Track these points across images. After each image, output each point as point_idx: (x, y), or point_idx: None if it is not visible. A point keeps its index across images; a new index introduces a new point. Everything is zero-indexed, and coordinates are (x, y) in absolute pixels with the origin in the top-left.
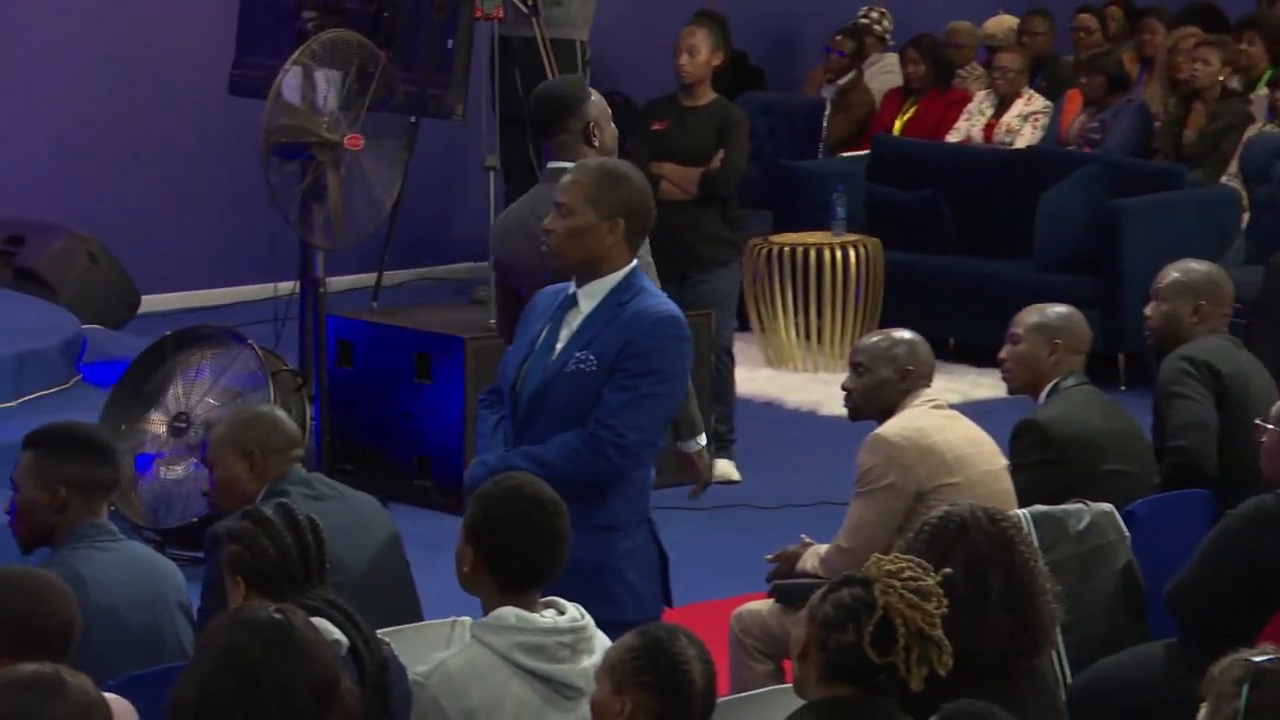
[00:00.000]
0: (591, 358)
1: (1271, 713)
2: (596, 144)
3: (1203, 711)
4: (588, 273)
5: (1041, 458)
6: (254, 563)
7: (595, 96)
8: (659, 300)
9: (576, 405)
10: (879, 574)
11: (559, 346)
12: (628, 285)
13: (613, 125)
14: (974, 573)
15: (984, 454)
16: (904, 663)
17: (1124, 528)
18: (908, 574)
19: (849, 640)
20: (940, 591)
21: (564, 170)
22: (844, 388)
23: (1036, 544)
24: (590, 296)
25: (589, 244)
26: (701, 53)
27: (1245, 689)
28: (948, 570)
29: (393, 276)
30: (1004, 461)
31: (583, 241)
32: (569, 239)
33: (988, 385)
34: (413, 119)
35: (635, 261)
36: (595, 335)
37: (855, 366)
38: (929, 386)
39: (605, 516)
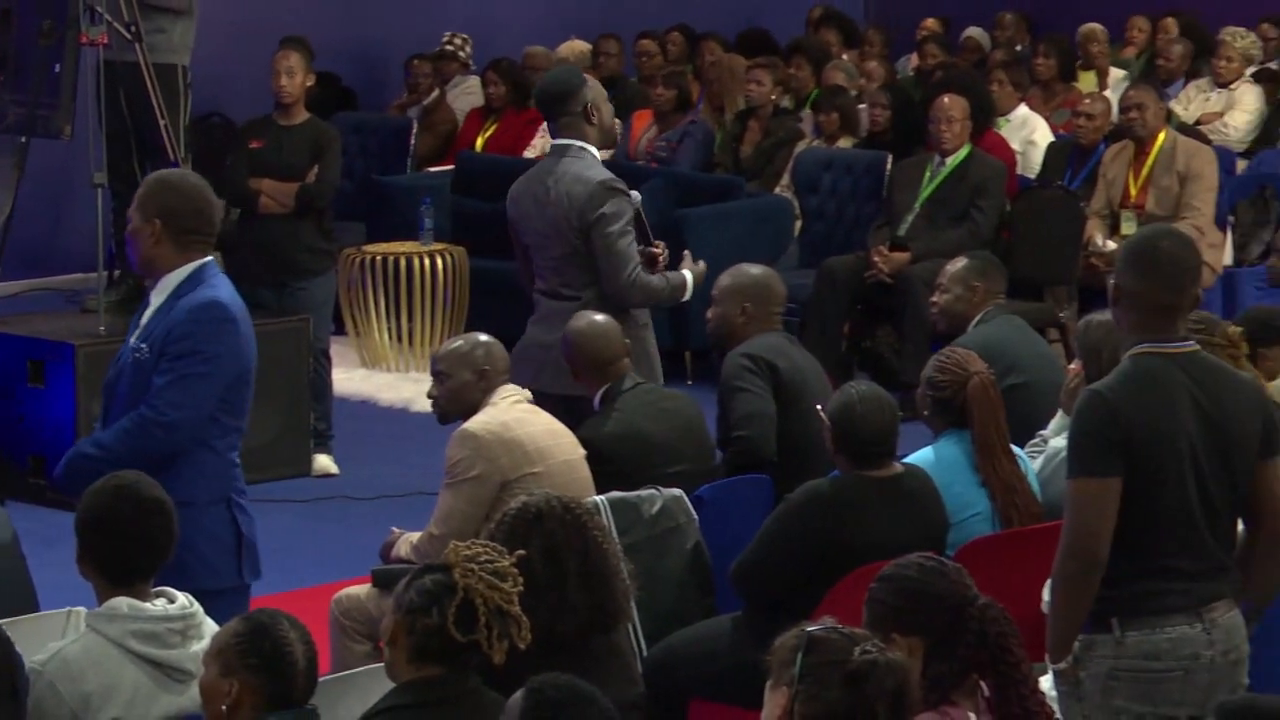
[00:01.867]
0: (144, 347)
1: (822, 672)
2: (595, 122)
3: (769, 680)
4: (148, 271)
5: (594, 472)
6: None
7: (592, 81)
8: (210, 290)
9: (137, 392)
10: (458, 559)
11: (130, 342)
12: (189, 280)
13: (609, 105)
14: (551, 557)
15: (563, 445)
16: (486, 640)
17: (692, 511)
18: (484, 557)
19: (434, 623)
20: (516, 572)
21: (569, 146)
22: (430, 396)
23: (613, 528)
24: (159, 293)
25: (139, 245)
26: (298, 75)
27: (800, 655)
28: (522, 552)
29: (7, 287)
30: (581, 453)
31: (135, 243)
32: (128, 241)
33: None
34: (23, 139)
35: (207, 259)
36: (153, 328)
37: (437, 375)
38: (509, 383)
39: (181, 492)
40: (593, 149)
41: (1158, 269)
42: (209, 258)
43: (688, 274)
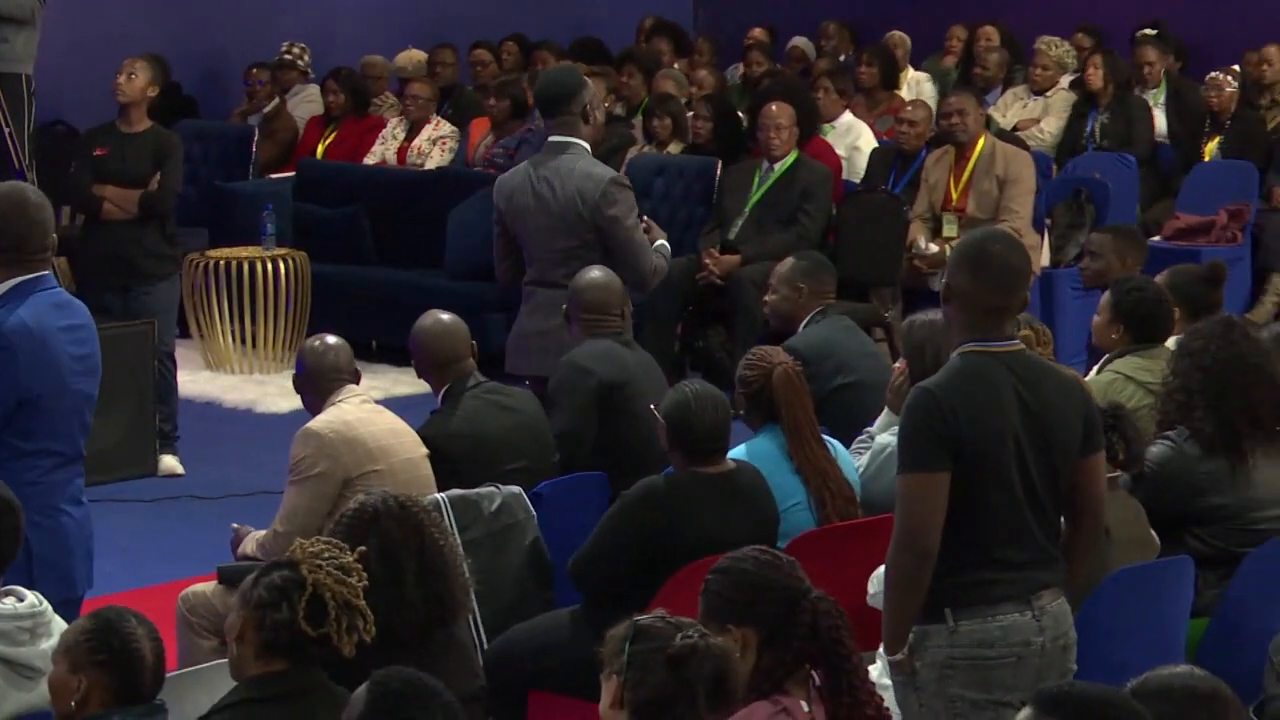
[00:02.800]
0: None
1: (647, 659)
2: (589, 122)
3: (603, 671)
4: None
5: (441, 468)
6: None
7: (589, 84)
8: (4, 314)
9: None
10: (304, 556)
11: None
12: (7, 296)
13: (603, 109)
14: (388, 555)
15: (405, 444)
16: (336, 633)
17: (531, 508)
18: (329, 554)
19: (284, 618)
20: (360, 567)
21: (567, 144)
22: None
23: (454, 524)
24: None
25: None
26: (138, 78)
27: (627, 644)
28: (363, 548)
29: None
30: (424, 451)
31: None
32: None
33: (407, 383)
34: None
35: (26, 277)
36: None
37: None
38: (356, 384)
39: None
40: (587, 146)
41: (988, 271)
42: (29, 275)
43: (664, 241)
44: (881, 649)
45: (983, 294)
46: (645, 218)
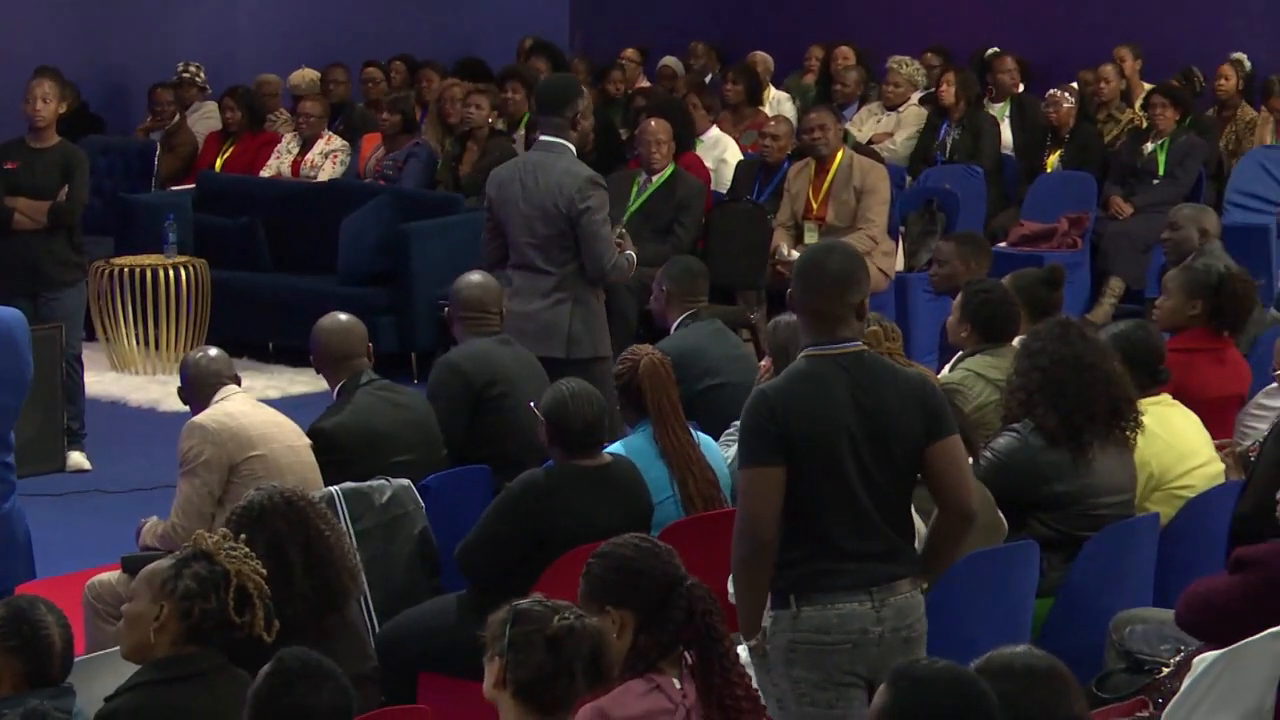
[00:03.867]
0: None
1: (527, 640)
2: (577, 128)
3: (486, 653)
4: None
5: (326, 459)
6: None
7: (585, 94)
8: None
9: None
10: (216, 548)
11: None
12: None
13: (591, 118)
14: (276, 550)
15: (286, 432)
16: (257, 620)
17: (420, 499)
18: (234, 546)
19: (212, 607)
20: (257, 558)
21: (554, 144)
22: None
23: (346, 515)
24: None
25: None
26: (51, 101)
27: (508, 627)
28: (244, 536)
29: None
30: (305, 440)
31: None
32: None
33: (303, 382)
34: None
35: None
36: None
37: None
38: (238, 385)
39: None
40: (573, 149)
41: (820, 281)
42: None
43: (632, 253)
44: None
45: (816, 302)
46: (622, 231)
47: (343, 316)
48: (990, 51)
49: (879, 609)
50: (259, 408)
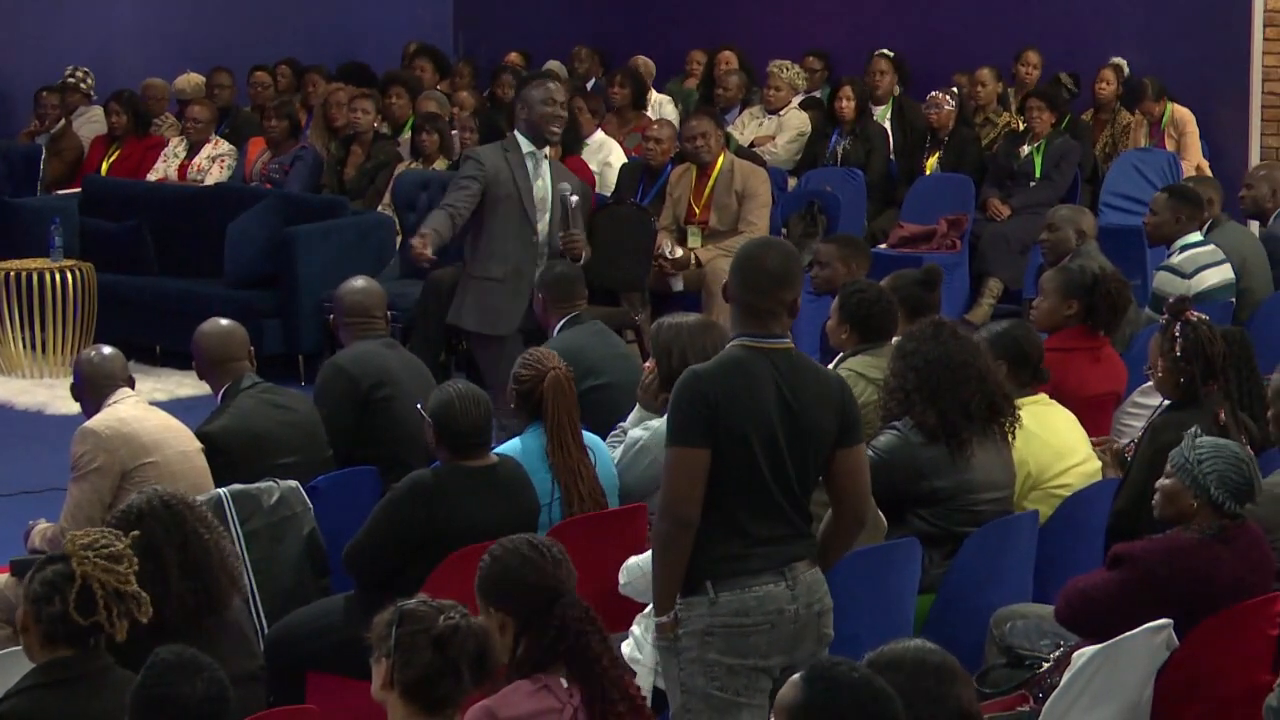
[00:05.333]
0: None
1: (413, 640)
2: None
3: (372, 655)
4: None
5: (212, 463)
6: None
7: (543, 90)
8: None
9: None
10: (75, 549)
11: None
12: None
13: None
14: (151, 552)
15: (178, 437)
16: (107, 620)
17: (308, 500)
18: (100, 543)
19: (57, 610)
20: (131, 553)
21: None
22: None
23: (235, 517)
24: None
25: None
26: None
27: (394, 628)
28: (136, 533)
29: None
30: (198, 445)
31: None
32: None
33: (190, 385)
34: None
35: None
36: None
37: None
38: (131, 388)
39: None
40: (520, 137)
41: (757, 277)
42: None
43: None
44: (638, 621)
45: (749, 296)
46: (576, 236)
47: (223, 321)
48: (877, 53)
49: (793, 587)
50: (152, 412)
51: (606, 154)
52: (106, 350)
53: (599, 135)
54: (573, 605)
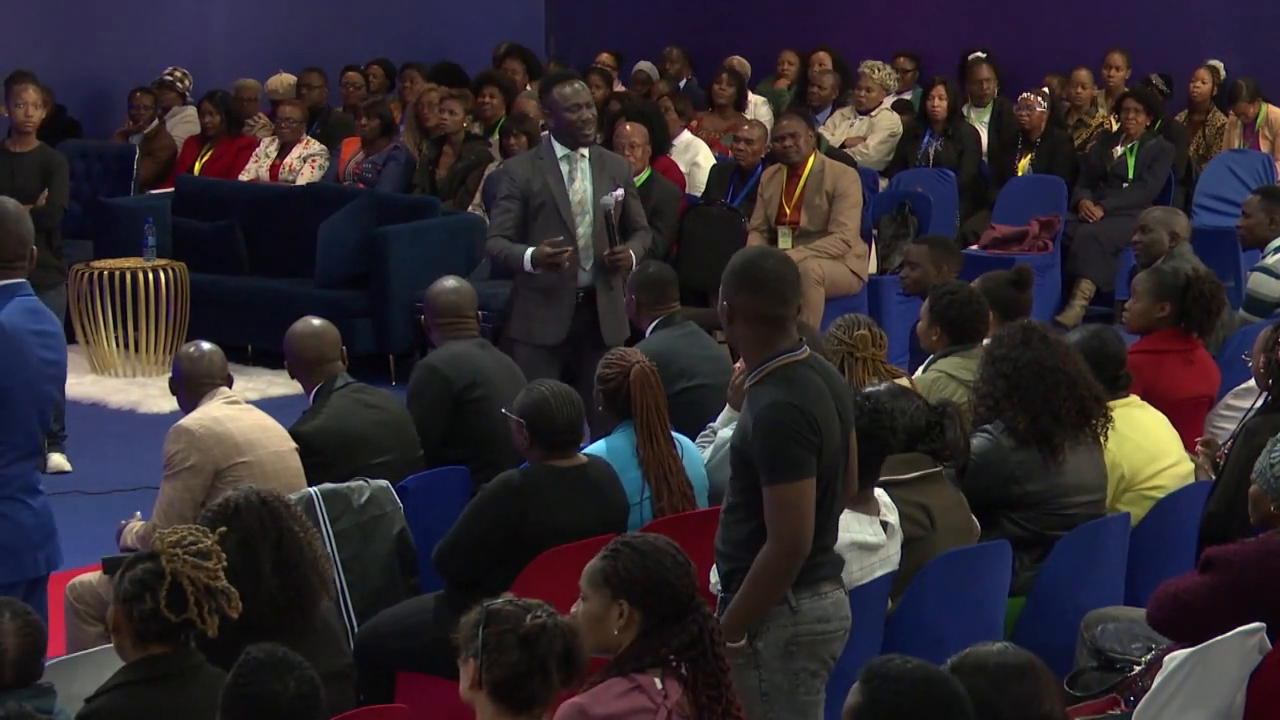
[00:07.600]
0: None
1: (500, 640)
2: (562, 130)
3: (459, 656)
4: None
5: (305, 463)
6: None
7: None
8: None
9: None
10: (164, 546)
11: None
12: None
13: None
14: (246, 547)
15: (272, 438)
16: (198, 616)
17: (398, 500)
18: (188, 540)
19: (149, 608)
20: (219, 549)
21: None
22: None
23: (325, 517)
24: None
25: None
26: (40, 108)
27: (481, 628)
28: (223, 529)
29: None
30: (292, 445)
31: None
32: None
33: (281, 384)
34: None
35: (16, 281)
36: None
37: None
38: (229, 387)
39: None
40: (554, 141)
41: (765, 285)
42: (6, 281)
43: (527, 254)
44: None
45: (764, 307)
46: (620, 252)
47: (315, 321)
48: (973, 56)
49: (847, 593)
50: (247, 411)
51: (694, 154)
52: (206, 346)
53: (686, 135)
54: (709, 616)
